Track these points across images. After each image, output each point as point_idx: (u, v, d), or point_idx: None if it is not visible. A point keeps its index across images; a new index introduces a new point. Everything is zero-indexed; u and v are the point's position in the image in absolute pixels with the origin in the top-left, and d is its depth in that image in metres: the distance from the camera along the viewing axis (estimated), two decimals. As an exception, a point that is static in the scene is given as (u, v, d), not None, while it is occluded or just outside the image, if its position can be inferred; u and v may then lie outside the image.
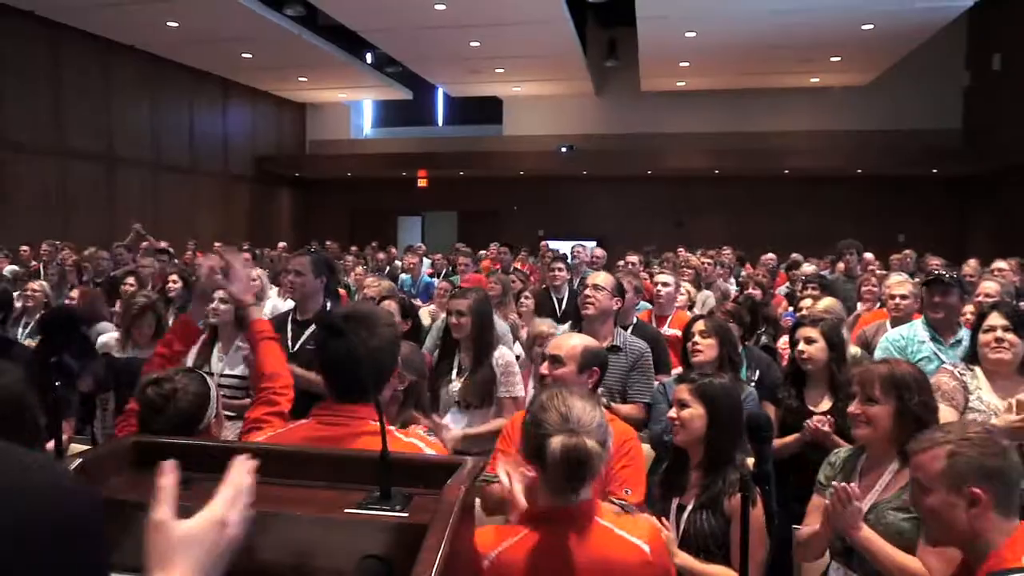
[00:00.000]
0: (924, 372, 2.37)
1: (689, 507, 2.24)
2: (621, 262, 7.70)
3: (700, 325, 3.32)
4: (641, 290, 4.63)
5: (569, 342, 2.66)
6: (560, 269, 6.09)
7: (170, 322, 5.31)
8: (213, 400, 2.11)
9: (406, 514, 1.24)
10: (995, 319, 2.82)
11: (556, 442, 1.60)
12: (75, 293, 5.62)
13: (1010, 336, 2.77)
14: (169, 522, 0.91)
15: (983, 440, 1.62)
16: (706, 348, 3.23)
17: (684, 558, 2.13)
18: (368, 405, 1.68)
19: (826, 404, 3.12)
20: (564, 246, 11.51)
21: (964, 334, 3.50)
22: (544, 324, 4.16)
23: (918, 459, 1.68)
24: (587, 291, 3.51)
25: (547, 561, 1.60)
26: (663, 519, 2.16)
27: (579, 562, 1.59)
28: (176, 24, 11.82)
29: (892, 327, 4.05)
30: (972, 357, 2.90)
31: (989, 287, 3.95)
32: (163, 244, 10.17)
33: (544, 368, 2.61)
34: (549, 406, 1.68)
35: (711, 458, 2.27)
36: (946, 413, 2.70)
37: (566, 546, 1.60)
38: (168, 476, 0.94)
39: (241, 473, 1.03)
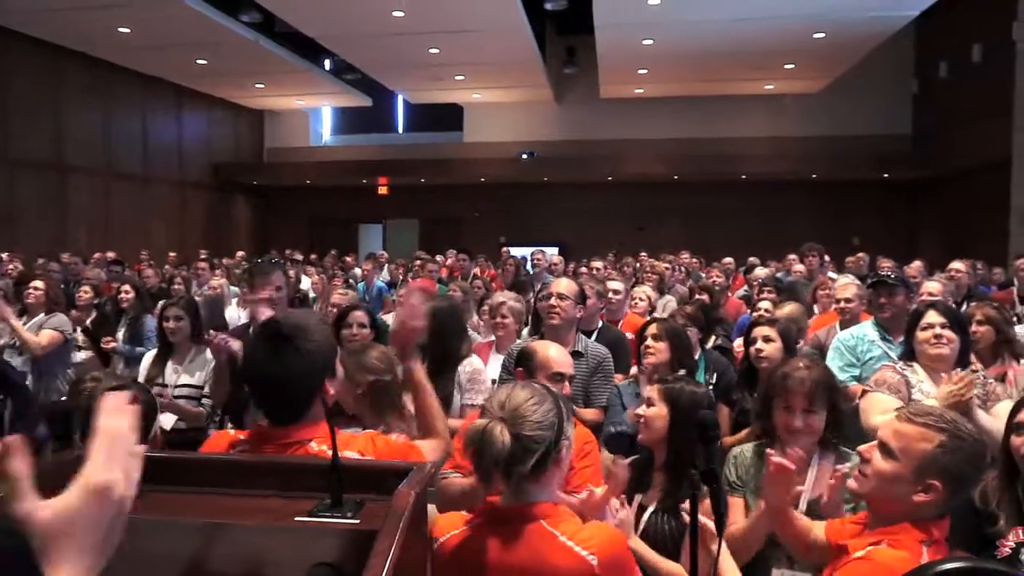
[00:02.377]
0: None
1: (651, 508, 2.25)
2: (584, 268, 7.75)
3: (653, 329, 3.35)
4: (604, 295, 4.68)
5: (566, 358, 2.67)
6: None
7: (120, 334, 5.23)
8: (158, 412, 2.10)
9: (357, 520, 1.24)
10: (932, 317, 2.92)
11: (472, 425, 1.60)
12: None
13: (947, 332, 2.87)
14: (33, 512, 0.73)
15: (974, 447, 1.61)
16: (657, 351, 3.27)
17: (639, 544, 2.12)
18: (303, 425, 1.61)
19: None
20: (526, 252, 11.54)
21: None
22: (506, 296, 4.26)
23: (905, 429, 1.63)
24: (552, 301, 3.52)
25: (480, 557, 1.57)
26: (624, 502, 2.16)
27: (510, 563, 1.55)
28: (128, 30, 11.59)
29: (841, 329, 4.14)
30: (909, 354, 2.99)
31: (932, 287, 4.06)
32: (112, 255, 9.97)
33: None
34: (500, 392, 1.67)
35: (673, 460, 2.28)
36: (894, 404, 2.78)
37: (499, 546, 1.57)
38: (19, 460, 0.74)
39: (111, 414, 0.80)
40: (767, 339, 3.25)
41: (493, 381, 3.80)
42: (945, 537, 1.62)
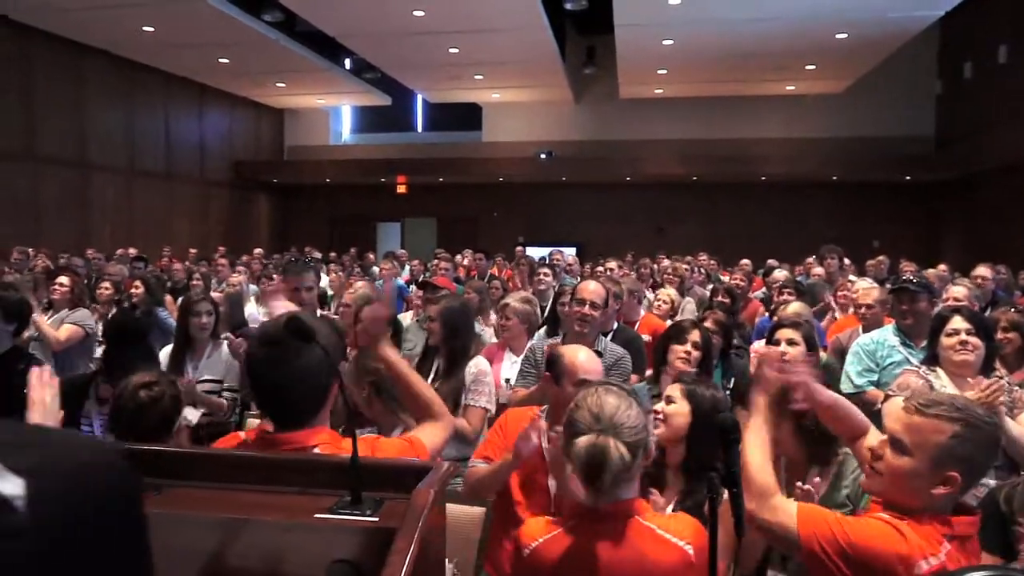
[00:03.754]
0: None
1: (669, 508, 2.24)
2: (599, 269, 7.74)
3: (695, 335, 3.30)
4: (620, 296, 4.68)
5: (593, 363, 2.58)
6: (546, 274, 6.06)
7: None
8: (183, 405, 2.18)
9: (376, 518, 1.24)
10: (958, 323, 2.89)
11: (580, 442, 1.61)
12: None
13: (973, 339, 2.85)
14: None
15: (987, 431, 1.52)
16: (694, 360, 3.26)
17: None
18: (307, 430, 1.56)
19: None
20: (543, 252, 11.53)
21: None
22: (511, 297, 4.33)
23: (916, 421, 1.53)
24: (585, 309, 3.53)
25: (581, 558, 1.60)
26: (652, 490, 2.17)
27: (614, 561, 1.58)
28: (151, 29, 11.71)
29: (864, 332, 4.10)
30: (932, 359, 2.96)
31: (957, 292, 4.01)
32: (133, 251, 10.08)
33: None
34: (583, 404, 1.68)
35: (692, 462, 2.25)
36: None
37: (602, 544, 1.60)
38: None
39: (38, 387, 1.26)
40: (791, 342, 3.21)
41: (507, 380, 3.84)
42: (976, 533, 1.57)
